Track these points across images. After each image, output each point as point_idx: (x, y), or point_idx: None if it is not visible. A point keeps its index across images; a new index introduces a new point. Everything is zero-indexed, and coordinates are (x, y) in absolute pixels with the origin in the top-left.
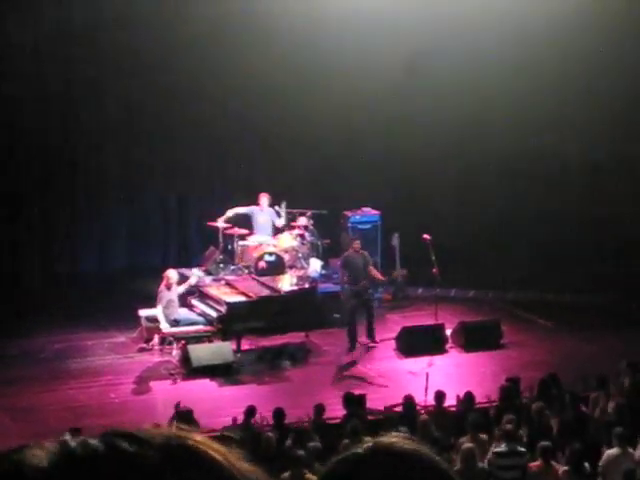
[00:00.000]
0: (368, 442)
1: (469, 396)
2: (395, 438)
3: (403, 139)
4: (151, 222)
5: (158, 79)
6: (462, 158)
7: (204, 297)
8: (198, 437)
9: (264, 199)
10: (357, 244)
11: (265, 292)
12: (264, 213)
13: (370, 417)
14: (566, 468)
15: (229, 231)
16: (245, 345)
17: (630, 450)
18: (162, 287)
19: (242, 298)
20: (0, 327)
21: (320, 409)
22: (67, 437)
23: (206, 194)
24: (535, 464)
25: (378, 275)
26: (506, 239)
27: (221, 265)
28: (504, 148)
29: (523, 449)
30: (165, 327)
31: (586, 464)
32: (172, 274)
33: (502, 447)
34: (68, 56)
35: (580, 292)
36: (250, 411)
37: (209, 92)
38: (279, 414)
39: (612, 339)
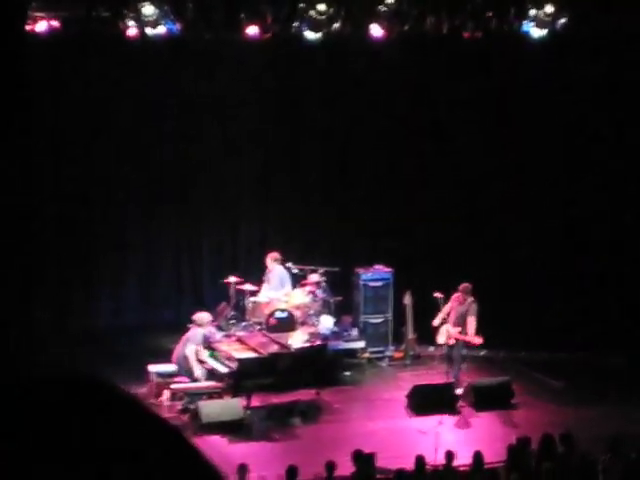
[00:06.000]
0: None
1: (478, 456)
2: None
3: (414, 195)
4: (164, 278)
5: (177, 135)
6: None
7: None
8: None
9: (268, 260)
10: (462, 290)
11: (276, 348)
12: (271, 275)
13: (379, 476)
14: None
15: (240, 287)
16: (255, 402)
17: None
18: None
19: (253, 354)
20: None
21: (331, 467)
22: None
23: (218, 250)
24: None
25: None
26: (519, 298)
27: (232, 321)
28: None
29: None
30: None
31: None
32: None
33: None
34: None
35: (592, 351)
36: (242, 469)
37: (216, 148)
38: (292, 472)
39: (625, 400)
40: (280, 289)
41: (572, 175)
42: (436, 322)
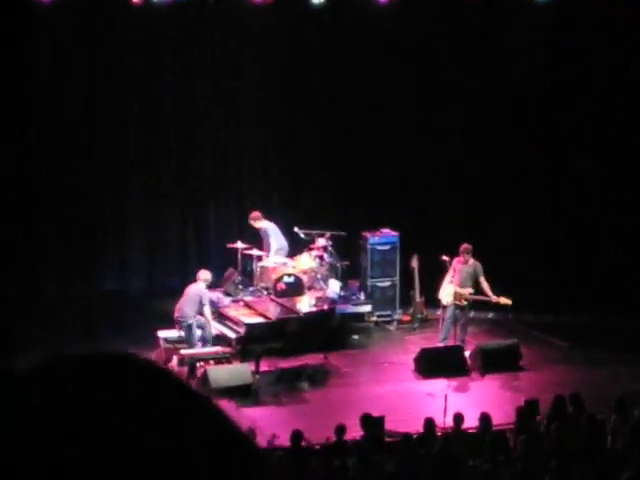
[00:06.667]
0: None
1: (485, 418)
2: None
3: (421, 159)
4: (170, 243)
5: (174, 101)
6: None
7: (223, 318)
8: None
9: (253, 222)
10: (464, 250)
11: (284, 313)
12: (265, 235)
13: (389, 439)
14: None
15: (248, 252)
16: (264, 366)
17: None
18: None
19: (261, 319)
20: (17, 348)
21: (341, 430)
22: None
23: (224, 216)
24: None
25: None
26: (526, 260)
27: (240, 286)
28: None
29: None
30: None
31: None
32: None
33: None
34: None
35: (598, 312)
36: (250, 433)
37: (221, 114)
38: (297, 437)
39: (631, 361)
40: (276, 244)
41: (578, 135)
42: (443, 287)
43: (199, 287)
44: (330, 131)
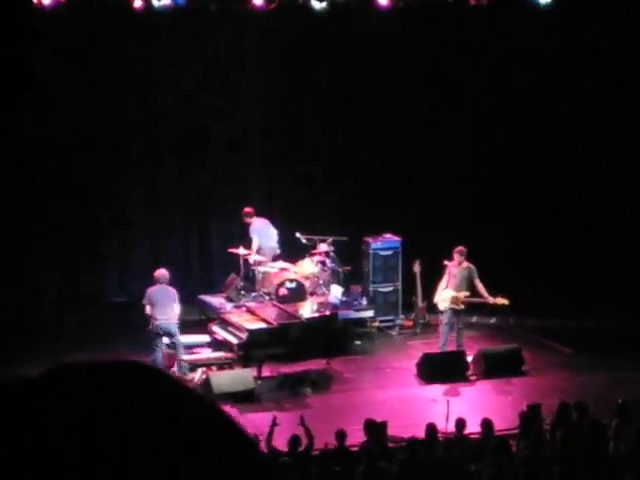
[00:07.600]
0: None
1: (487, 424)
2: None
3: (422, 163)
4: (173, 249)
5: (182, 112)
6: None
7: (225, 324)
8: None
9: (246, 219)
10: (458, 252)
11: (286, 319)
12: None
13: (391, 444)
14: None
15: (247, 257)
16: (266, 372)
17: None
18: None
19: (263, 325)
20: (18, 354)
21: (342, 435)
22: None
23: (227, 220)
24: None
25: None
26: (528, 265)
27: (242, 292)
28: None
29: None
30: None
31: None
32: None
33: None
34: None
35: (602, 318)
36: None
37: (222, 119)
38: (295, 442)
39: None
40: (257, 242)
41: (578, 139)
42: (439, 292)
43: (169, 287)
44: (332, 136)
